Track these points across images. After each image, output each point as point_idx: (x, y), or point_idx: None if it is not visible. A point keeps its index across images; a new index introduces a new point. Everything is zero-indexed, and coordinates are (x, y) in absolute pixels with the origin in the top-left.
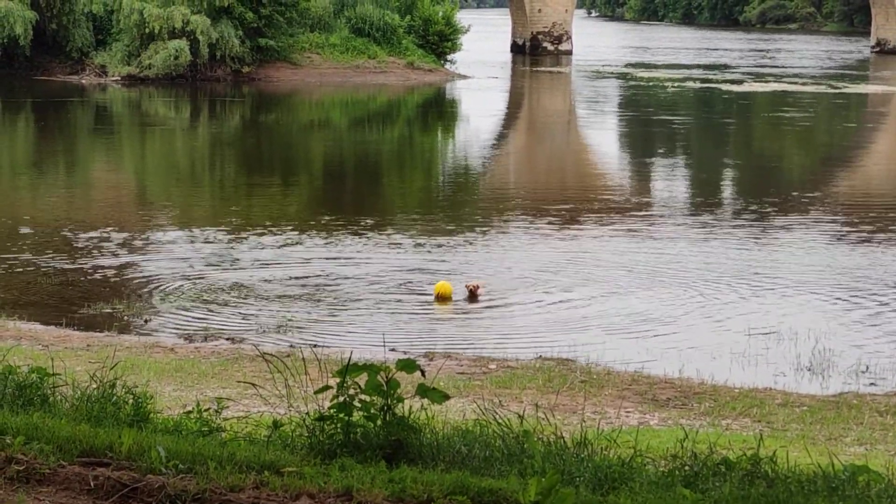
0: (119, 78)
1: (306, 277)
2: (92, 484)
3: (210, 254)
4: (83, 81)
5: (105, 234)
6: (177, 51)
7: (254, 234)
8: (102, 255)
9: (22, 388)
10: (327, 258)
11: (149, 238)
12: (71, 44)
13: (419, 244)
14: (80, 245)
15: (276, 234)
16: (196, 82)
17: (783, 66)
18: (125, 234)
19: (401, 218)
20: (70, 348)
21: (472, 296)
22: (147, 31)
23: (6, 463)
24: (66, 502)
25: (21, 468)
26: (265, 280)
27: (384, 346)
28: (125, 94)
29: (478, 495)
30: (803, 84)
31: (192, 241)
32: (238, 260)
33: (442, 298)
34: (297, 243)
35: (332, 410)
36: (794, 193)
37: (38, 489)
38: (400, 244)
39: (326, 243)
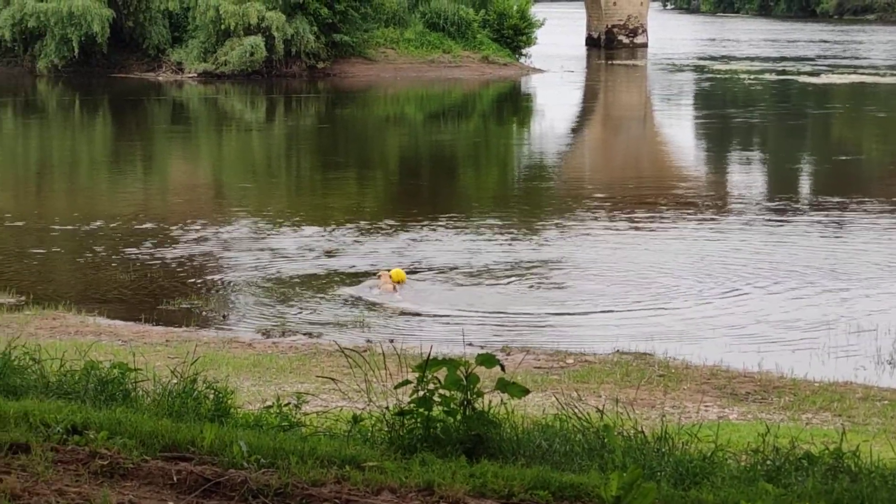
0: (195, 74)
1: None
2: (175, 478)
3: (287, 248)
4: (160, 78)
5: (183, 230)
6: (252, 47)
7: (330, 229)
8: (180, 251)
9: (104, 383)
10: (404, 252)
11: (226, 233)
12: (147, 41)
13: (494, 238)
14: (157, 241)
15: (352, 229)
16: (271, 78)
17: (861, 58)
18: (203, 230)
19: (477, 212)
20: (149, 343)
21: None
22: (223, 27)
23: (90, 458)
24: (149, 496)
25: (105, 463)
26: (341, 274)
27: (463, 340)
28: (201, 90)
29: (559, 490)
30: (882, 76)
31: (269, 236)
32: (314, 254)
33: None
34: (373, 238)
35: (411, 405)
36: (874, 186)
37: (121, 483)
38: (476, 238)
39: (402, 237)
